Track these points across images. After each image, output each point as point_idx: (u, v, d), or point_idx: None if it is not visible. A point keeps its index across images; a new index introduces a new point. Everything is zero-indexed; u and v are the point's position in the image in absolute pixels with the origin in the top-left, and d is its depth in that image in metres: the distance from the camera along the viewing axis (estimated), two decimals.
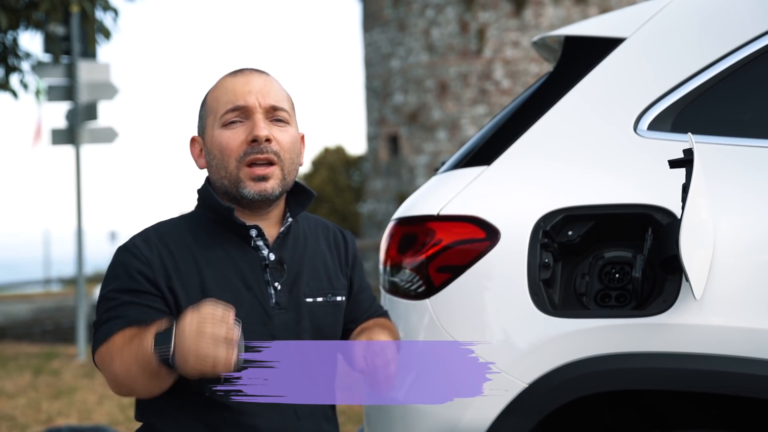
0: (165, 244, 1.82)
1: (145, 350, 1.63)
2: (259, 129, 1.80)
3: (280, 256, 1.86)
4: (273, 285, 1.84)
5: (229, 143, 1.82)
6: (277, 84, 1.89)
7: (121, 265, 1.80)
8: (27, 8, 7.91)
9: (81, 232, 9.67)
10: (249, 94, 1.83)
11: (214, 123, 1.85)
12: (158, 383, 1.69)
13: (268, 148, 1.81)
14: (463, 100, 19.06)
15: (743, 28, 2.04)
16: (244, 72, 1.87)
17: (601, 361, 1.90)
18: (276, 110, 1.84)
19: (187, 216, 1.92)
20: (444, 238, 2.09)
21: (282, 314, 1.83)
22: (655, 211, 1.92)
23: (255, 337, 1.78)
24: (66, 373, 8.30)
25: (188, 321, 1.58)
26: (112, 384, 1.75)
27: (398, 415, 2.16)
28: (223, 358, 1.56)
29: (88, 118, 9.56)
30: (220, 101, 1.85)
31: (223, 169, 1.83)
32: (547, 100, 2.17)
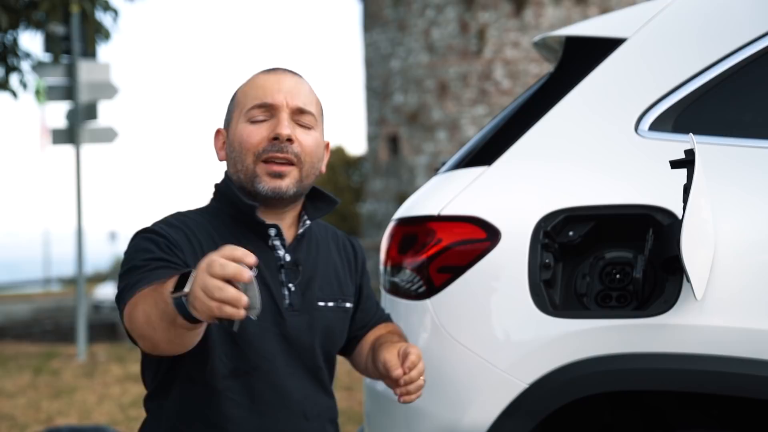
0: (189, 229, 1.80)
1: (164, 294, 1.52)
2: (283, 127, 1.79)
3: (296, 257, 1.86)
4: (287, 286, 1.83)
5: (250, 138, 1.81)
6: (308, 87, 1.88)
7: (149, 240, 1.73)
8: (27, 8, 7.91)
9: (81, 231, 9.67)
10: (278, 92, 1.82)
11: (239, 117, 1.84)
12: (177, 333, 1.56)
13: (288, 148, 1.80)
14: (463, 100, 19.05)
15: (744, 28, 2.04)
16: (278, 71, 1.87)
17: (601, 362, 1.90)
18: (302, 113, 1.84)
19: (204, 209, 1.89)
20: (444, 239, 2.09)
21: (295, 316, 1.83)
22: (656, 212, 1.92)
23: (269, 336, 1.78)
24: (66, 372, 8.30)
25: (206, 258, 1.44)
26: (136, 335, 1.63)
27: (399, 416, 2.16)
28: (231, 297, 1.38)
29: (88, 117, 9.56)
30: (249, 96, 1.84)
31: (240, 163, 1.82)
32: (547, 101, 2.17)
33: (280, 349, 1.80)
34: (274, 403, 1.80)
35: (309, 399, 1.85)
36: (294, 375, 1.82)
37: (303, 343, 1.84)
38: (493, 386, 1.98)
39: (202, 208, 1.90)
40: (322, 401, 1.90)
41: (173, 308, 1.48)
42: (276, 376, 1.79)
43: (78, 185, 9.56)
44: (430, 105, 19.32)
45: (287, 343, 1.81)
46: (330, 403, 1.93)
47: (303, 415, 1.83)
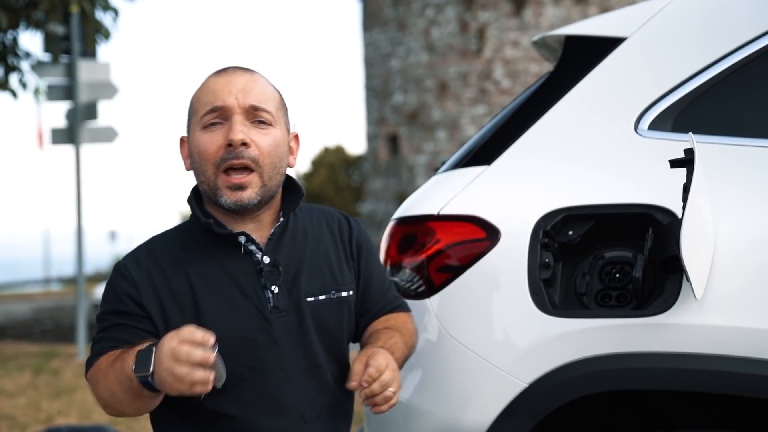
0: (155, 261, 1.79)
1: (126, 371, 1.62)
2: (235, 132, 1.72)
3: (274, 258, 1.80)
4: (270, 289, 1.79)
5: (207, 147, 1.75)
6: (263, 82, 1.80)
7: (111, 287, 1.79)
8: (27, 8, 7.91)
9: (81, 231, 9.67)
10: (228, 93, 1.75)
11: (195, 125, 1.78)
12: (143, 403, 1.68)
13: (244, 153, 1.73)
14: (463, 99, 19.05)
15: (744, 27, 2.04)
16: (228, 71, 1.80)
17: (601, 361, 1.90)
18: (257, 110, 1.75)
19: (179, 227, 1.88)
20: (444, 238, 2.09)
21: (282, 317, 1.78)
22: (655, 211, 1.92)
23: (256, 345, 1.75)
24: (66, 372, 8.30)
25: (166, 343, 1.56)
26: (102, 405, 1.75)
27: (398, 415, 2.16)
28: (200, 379, 1.54)
29: (87, 117, 9.55)
30: (201, 101, 1.78)
31: (203, 174, 1.77)
32: (547, 100, 2.17)
33: (269, 354, 1.76)
34: (267, 410, 1.76)
35: (307, 401, 1.80)
36: (288, 378, 1.78)
37: (294, 343, 1.79)
38: (493, 386, 1.98)
39: (180, 226, 1.89)
40: (324, 400, 1.83)
41: (138, 384, 1.60)
42: (267, 383, 1.75)
43: (78, 185, 9.56)
44: (430, 104, 19.31)
45: (277, 347, 1.77)
46: (334, 400, 1.85)
47: (301, 418, 1.79)
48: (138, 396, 1.65)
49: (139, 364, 1.59)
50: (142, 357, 1.60)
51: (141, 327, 1.75)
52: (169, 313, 1.75)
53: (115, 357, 1.69)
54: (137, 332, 1.74)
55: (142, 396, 1.64)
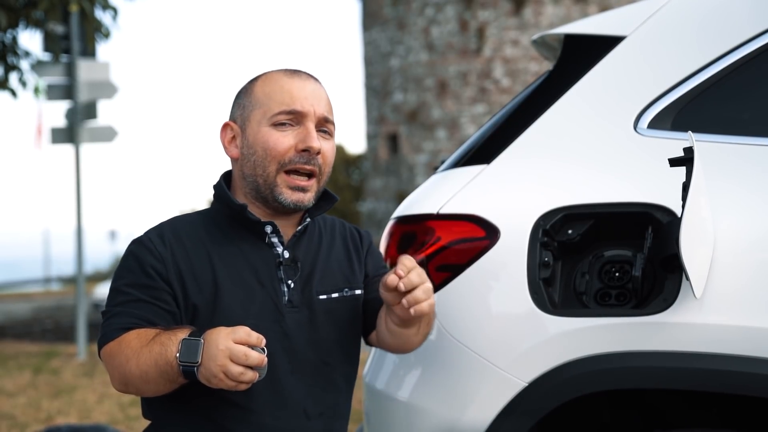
0: (179, 240, 1.82)
1: (168, 358, 1.63)
2: (313, 140, 1.80)
3: (294, 254, 1.85)
4: (286, 282, 1.83)
5: (276, 145, 1.80)
6: (326, 94, 1.89)
7: (135, 259, 1.79)
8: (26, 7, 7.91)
9: (81, 231, 9.67)
10: (305, 99, 1.82)
11: (262, 119, 1.82)
12: (171, 387, 1.70)
13: (315, 161, 1.81)
14: (462, 98, 19.04)
15: (743, 26, 2.04)
16: (301, 75, 1.86)
17: (600, 360, 1.90)
18: (326, 122, 1.85)
19: (203, 212, 1.91)
20: (443, 237, 2.09)
21: (294, 312, 1.82)
22: (655, 210, 1.92)
23: (267, 334, 1.76)
24: (66, 372, 8.30)
25: (222, 340, 1.58)
26: (119, 382, 1.74)
27: (398, 414, 2.16)
28: (250, 379, 1.59)
29: (87, 116, 9.55)
30: (274, 99, 1.82)
31: (261, 168, 1.81)
32: (546, 99, 2.17)
33: (280, 347, 1.79)
34: (272, 402, 1.79)
35: (311, 397, 1.83)
36: (295, 373, 1.81)
37: (305, 339, 1.83)
38: (492, 385, 1.98)
39: (203, 211, 1.92)
40: (329, 399, 1.87)
41: (178, 371, 1.62)
42: (274, 375, 1.77)
43: (78, 184, 9.56)
44: (430, 103, 19.31)
45: (287, 341, 1.81)
46: (338, 399, 1.89)
47: (304, 414, 1.82)
48: (172, 381, 1.67)
49: (186, 354, 1.61)
50: (189, 347, 1.62)
51: (164, 306, 1.76)
52: (190, 294, 1.78)
53: (151, 339, 1.69)
54: (160, 312, 1.75)
55: (176, 382, 1.67)
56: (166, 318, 1.75)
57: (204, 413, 1.78)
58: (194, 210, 1.95)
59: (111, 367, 1.75)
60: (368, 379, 2.31)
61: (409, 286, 1.69)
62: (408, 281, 1.69)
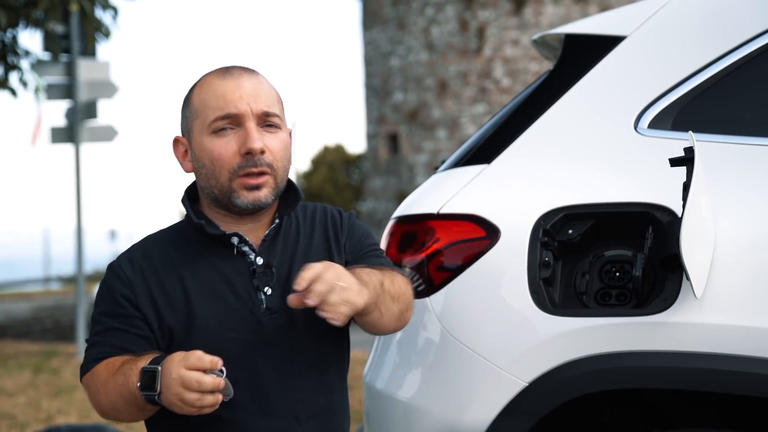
0: (149, 262, 1.79)
1: (130, 387, 1.64)
2: (254, 141, 1.72)
3: (267, 260, 1.79)
4: (263, 290, 1.78)
5: (221, 154, 1.74)
6: (267, 84, 1.80)
7: (106, 287, 1.79)
8: (26, 6, 7.90)
9: (81, 230, 9.67)
10: (240, 100, 1.73)
11: (202, 129, 1.76)
12: (144, 414, 1.72)
13: (262, 161, 1.73)
14: (462, 98, 19.04)
15: (743, 26, 2.04)
16: (233, 73, 1.78)
17: (601, 360, 1.90)
18: (268, 116, 1.76)
19: (174, 226, 1.87)
20: (444, 237, 2.09)
21: (275, 318, 1.77)
22: (655, 210, 1.92)
23: (248, 346, 1.74)
24: (66, 371, 8.29)
25: (174, 368, 1.57)
26: (98, 411, 1.77)
27: (398, 414, 2.16)
28: (210, 403, 1.57)
29: (87, 116, 9.55)
30: (209, 106, 1.75)
31: (214, 179, 1.76)
32: (547, 99, 2.17)
33: (262, 356, 1.75)
34: (261, 410, 1.75)
35: (302, 401, 1.78)
36: (281, 379, 1.77)
37: (287, 343, 1.77)
38: (493, 384, 1.98)
39: (174, 225, 1.88)
40: (321, 399, 1.81)
41: (142, 401, 1.62)
42: (260, 385, 1.74)
43: (78, 184, 9.55)
44: (430, 103, 19.30)
45: (271, 348, 1.76)
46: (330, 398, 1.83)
47: (295, 419, 1.78)
48: (141, 409, 1.68)
49: (145, 384, 1.61)
50: (147, 377, 1.61)
51: (137, 332, 1.75)
52: (164, 315, 1.75)
53: (116, 369, 1.69)
54: (134, 338, 1.74)
55: (146, 409, 1.68)
56: (140, 344, 1.74)
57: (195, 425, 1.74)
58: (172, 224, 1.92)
59: (89, 397, 1.77)
60: (368, 378, 2.30)
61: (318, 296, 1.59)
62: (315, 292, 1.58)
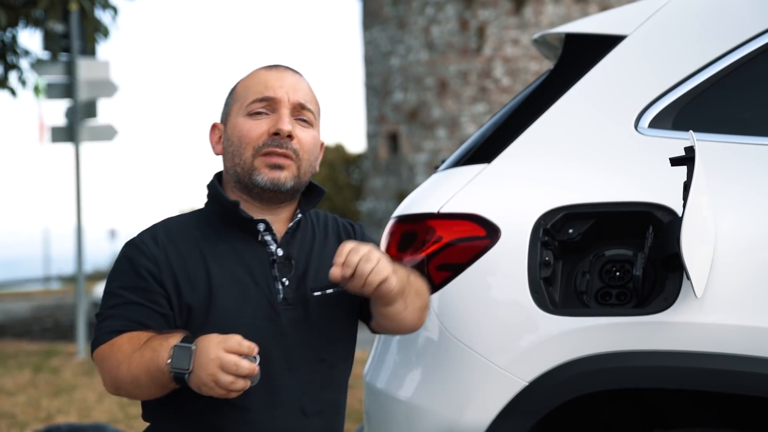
0: (172, 240, 1.81)
1: (159, 364, 1.63)
2: (284, 123, 1.81)
3: (288, 251, 1.85)
4: (281, 280, 1.82)
5: (250, 132, 1.82)
6: (308, 86, 1.91)
7: (128, 261, 1.79)
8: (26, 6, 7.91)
9: (81, 229, 9.67)
10: (280, 87, 1.84)
11: (239, 110, 1.86)
12: (162, 392, 1.70)
13: (288, 144, 1.82)
14: (462, 98, 19.04)
15: (744, 25, 2.04)
16: (279, 67, 1.89)
17: (601, 360, 1.90)
18: (303, 109, 1.85)
19: (196, 212, 1.91)
20: (444, 236, 2.09)
21: (290, 310, 1.82)
22: (656, 209, 1.92)
23: (263, 333, 1.77)
24: (66, 370, 8.29)
25: (213, 349, 1.58)
26: (111, 385, 1.75)
27: (398, 414, 2.15)
28: (241, 388, 1.59)
29: (87, 115, 9.54)
30: (250, 90, 1.85)
31: (239, 157, 1.82)
32: (547, 98, 2.17)
33: (275, 345, 1.78)
34: (268, 400, 1.78)
35: (308, 394, 1.82)
36: (291, 370, 1.80)
37: (301, 336, 1.82)
38: (493, 384, 1.98)
39: (196, 211, 1.92)
40: (327, 396, 1.86)
41: (169, 377, 1.62)
42: (270, 373, 1.76)
43: (78, 183, 9.55)
44: (430, 103, 19.30)
45: (283, 338, 1.80)
46: (336, 396, 1.89)
47: (301, 412, 1.81)
48: (163, 387, 1.67)
49: (177, 361, 1.61)
50: (180, 354, 1.61)
51: (157, 308, 1.75)
52: (184, 294, 1.77)
53: (142, 343, 1.69)
54: (153, 314, 1.75)
55: (168, 387, 1.67)
56: (158, 321, 1.75)
57: (200, 414, 1.77)
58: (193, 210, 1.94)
59: (103, 371, 1.75)
60: (368, 378, 2.30)
61: (352, 265, 1.68)
62: (347, 262, 1.68)
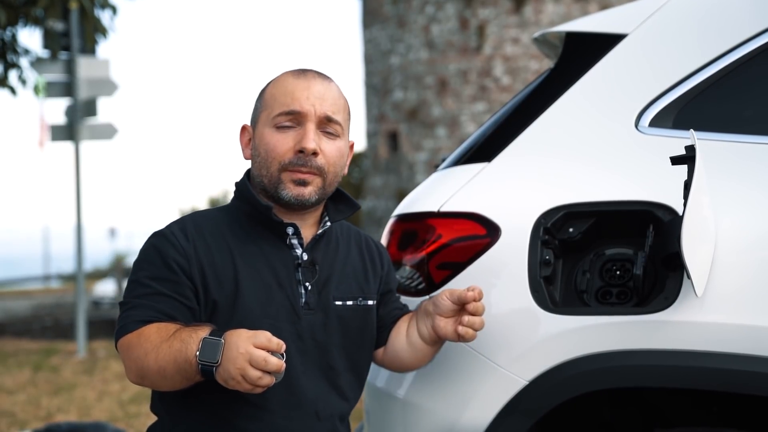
0: (201, 235, 1.82)
1: (187, 356, 1.62)
2: (308, 141, 1.80)
3: (313, 257, 1.86)
4: (304, 285, 1.84)
5: (276, 147, 1.81)
6: (337, 92, 1.88)
7: (157, 252, 1.78)
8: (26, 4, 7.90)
9: (80, 228, 9.67)
10: (306, 99, 1.81)
11: (266, 121, 1.85)
12: (186, 384, 1.69)
13: (312, 162, 1.81)
14: (462, 97, 19.03)
15: (745, 24, 2.03)
16: (308, 75, 1.86)
17: (601, 359, 1.90)
18: (330, 121, 1.84)
19: (224, 209, 1.92)
20: (444, 235, 2.08)
21: (310, 315, 1.83)
22: (656, 208, 1.92)
23: (282, 335, 1.77)
24: (65, 369, 8.30)
25: (243, 343, 1.57)
26: (136, 375, 1.73)
27: (398, 413, 2.15)
28: (268, 384, 1.58)
29: (87, 114, 9.54)
30: (277, 100, 1.83)
31: (265, 169, 1.83)
32: (547, 97, 2.16)
33: (294, 347, 1.80)
34: (286, 402, 1.80)
35: (321, 399, 1.85)
36: (307, 374, 1.83)
37: (318, 342, 1.84)
38: (493, 383, 1.98)
39: (223, 207, 1.93)
40: (335, 403, 1.89)
41: (196, 369, 1.60)
42: (289, 375, 1.78)
43: (77, 182, 9.55)
44: (430, 102, 19.30)
45: (302, 342, 1.82)
46: (344, 406, 1.92)
47: (316, 415, 1.84)
48: (188, 379, 1.66)
49: (206, 353, 1.60)
50: (209, 347, 1.60)
51: (184, 301, 1.75)
52: (211, 290, 1.77)
53: (170, 334, 1.67)
54: (180, 307, 1.75)
55: (193, 380, 1.66)
56: (185, 314, 1.75)
57: (215, 410, 1.78)
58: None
59: (128, 360, 1.73)
60: (368, 377, 2.30)
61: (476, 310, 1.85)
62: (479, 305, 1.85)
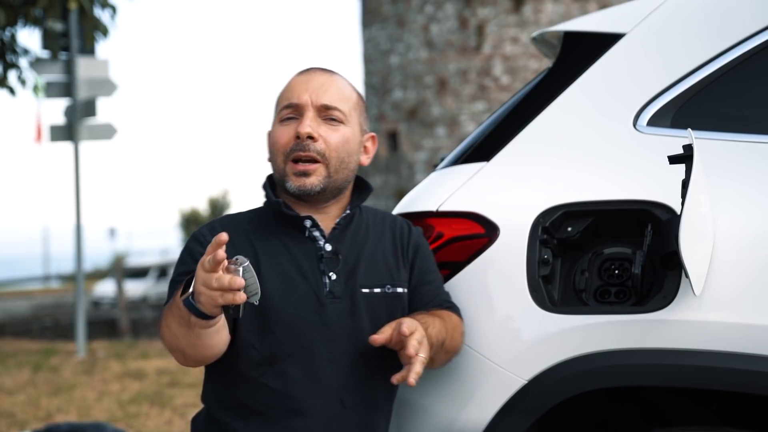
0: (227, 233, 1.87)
1: (178, 304, 1.69)
2: (303, 126, 1.87)
3: (336, 247, 1.90)
4: (328, 275, 1.88)
5: (279, 139, 1.90)
6: (340, 82, 1.94)
7: (188, 252, 1.90)
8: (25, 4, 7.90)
9: (80, 228, 9.67)
10: (304, 92, 1.90)
11: (275, 119, 1.95)
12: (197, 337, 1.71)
13: (311, 147, 1.87)
14: (462, 96, 19.03)
15: (744, 23, 2.04)
16: (309, 71, 1.95)
17: (600, 358, 1.90)
18: (329, 109, 1.90)
19: (252, 211, 2.00)
20: (443, 234, 2.09)
21: (336, 303, 1.87)
22: (654, 207, 1.92)
23: (307, 324, 1.83)
24: (65, 369, 8.30)
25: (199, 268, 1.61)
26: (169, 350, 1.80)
27: (396, 412, 2.15)
28: (226, 282, 1.56)
29: (86, 114, 9.54)
30: (282, 97, 1.94)
31: (275, 163, 1.92)
32: (546, 96, 2.16)
33: (319, 336, 1.84)
34: (309, 389, 1.83)
35: (348, 387, 1.87)
36: (334, 362, 1.86)
37: (344, 329, 1.86)
38: (492, 382, 1.98)
39: (252, 209, 2.01)
40: (366, 391, 1.89)
41: (186, 310, 1.65)
42: (312, 363, 1.83)
43: (77, 182, 9.55)
44: (429, 101, 19.30)
45: (327, 330, 1.85)
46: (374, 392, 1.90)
47: (341, 403, 1.86)
48: (189, 326, 1.69)
49: (185, 290, 1.69)
50: (187, 283, 1.70)
51: None
52: None
53: None
54: None
55: (191, 325, 1.68)
56: None
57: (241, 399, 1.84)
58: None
59: (170, 349, 1.80)
60: None
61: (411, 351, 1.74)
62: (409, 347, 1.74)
